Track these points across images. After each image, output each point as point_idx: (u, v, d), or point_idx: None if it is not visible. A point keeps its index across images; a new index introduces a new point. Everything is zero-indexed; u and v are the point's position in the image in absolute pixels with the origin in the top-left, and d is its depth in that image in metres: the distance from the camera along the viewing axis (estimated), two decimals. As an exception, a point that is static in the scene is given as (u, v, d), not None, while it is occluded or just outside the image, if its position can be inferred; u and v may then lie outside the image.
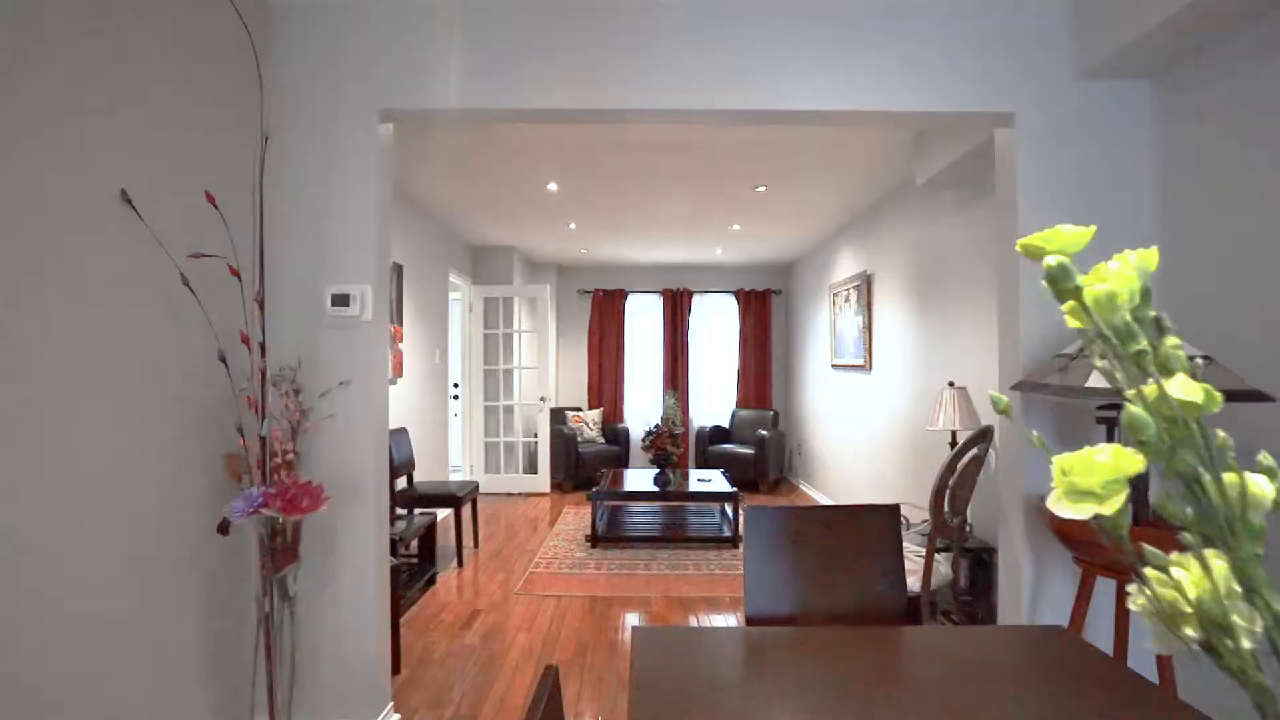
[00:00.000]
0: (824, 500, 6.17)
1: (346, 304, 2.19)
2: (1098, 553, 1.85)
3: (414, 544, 3.94)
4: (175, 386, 1.81)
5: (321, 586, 2.20)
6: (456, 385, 6.85)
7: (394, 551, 3.26)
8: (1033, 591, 2.18)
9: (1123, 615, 1.93)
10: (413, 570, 3.78)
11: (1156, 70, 2.16)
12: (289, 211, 2.20)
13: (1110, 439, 1.88)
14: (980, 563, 3.13)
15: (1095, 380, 1.72)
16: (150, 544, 1.74)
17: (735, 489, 4.70)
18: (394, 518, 3.76)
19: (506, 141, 3.67)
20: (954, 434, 3.31)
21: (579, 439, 7.04)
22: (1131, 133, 2.21)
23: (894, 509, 1.47)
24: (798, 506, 1.43)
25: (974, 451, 2.47)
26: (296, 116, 2.21)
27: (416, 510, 4.62)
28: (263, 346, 1.92)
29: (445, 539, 4.81)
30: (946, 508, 2.47)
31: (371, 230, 2.22)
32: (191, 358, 1.85)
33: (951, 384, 3.27)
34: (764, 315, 7.74)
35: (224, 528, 1.91)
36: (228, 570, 2.07)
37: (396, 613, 2.92)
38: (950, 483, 2.44)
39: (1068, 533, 1.92)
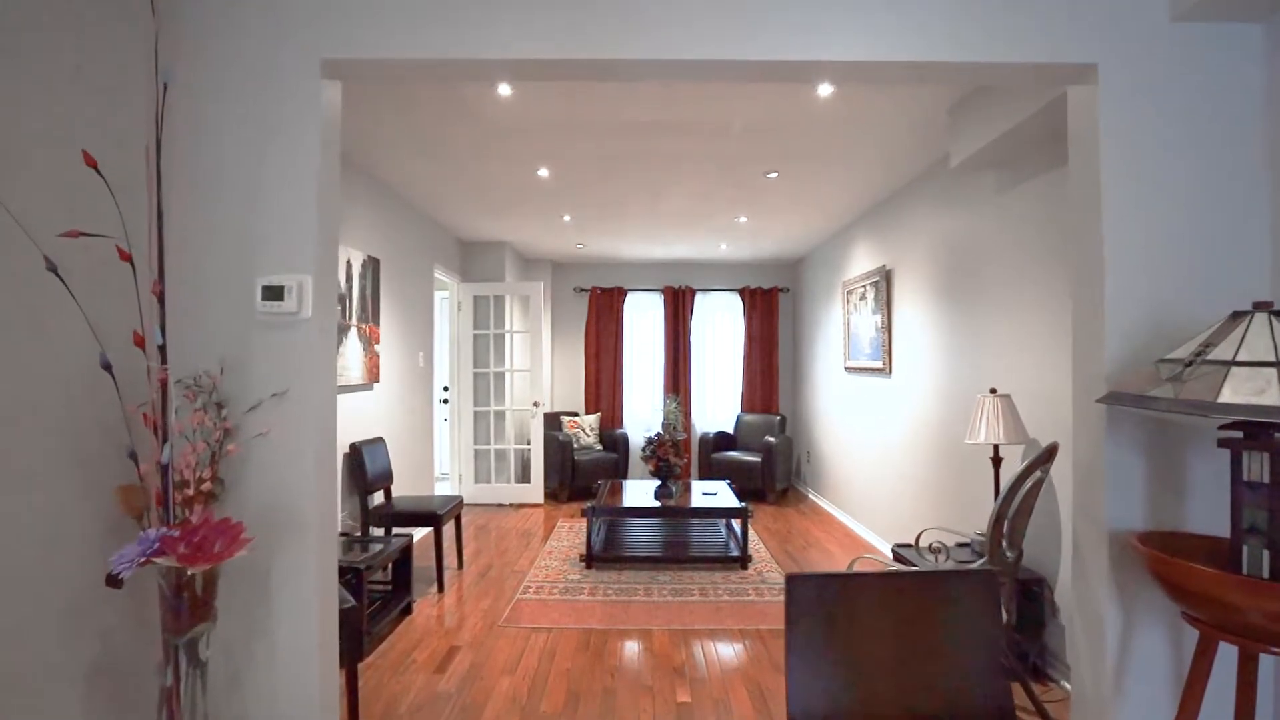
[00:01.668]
0: (835, 511, 5.78)
1: (280, 298, 1.79)
2: (1222, 609, 1.44)
3: (388, 567, 3.54)
4: (42, 405, 1.41)
5: (249, 644, 1.80)
6: (447, 389, 6.46)
7: (361, 581, 2.87)
8: (1120, 652, 1.78)
9: (1246, 692, 1.52)
10: (385, 600, 3.38)
11: (1264, 11, 1.77)
12: (208, 185, 1.80)
13: (1236, 467, 1.48)
14: (1029, 595, 2.73)
15: (1233, 393, 1.33)
16: (18, 603, 1.35)
17: (744, 504, 4.30)
18: (366, 540, 3.37)
19: (490, 120, 3.27)
20: (996, 448, 2.91)
21: (575, 446, 6.65)
22: (1238, 86, 1.81)
23: (989, 575, 1.07)
24: (858, 574, 1.04)
25: (1036, 475, 2.07)
26: (217, 66, 1.81)
27: (394, 529, 4.22)
28: (163, 350, 1.52)
29: (427, 558, 4.41)
30: (1004, 540, 2.08)
31: (311, 209, 1.82)
32: (65, 367, 1.45)
33: (993, 391, 2.88)
34: (770, 314, 7.34)
35: (115, 580, 1.51)
36: (129, 630, 1.68)
37: (357, 657, 2.53)
38: (1009, 511, 2.05)
39: (1178, 581, 1.52)
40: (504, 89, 2.92)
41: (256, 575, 1.81)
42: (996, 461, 2.92)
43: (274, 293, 1.79)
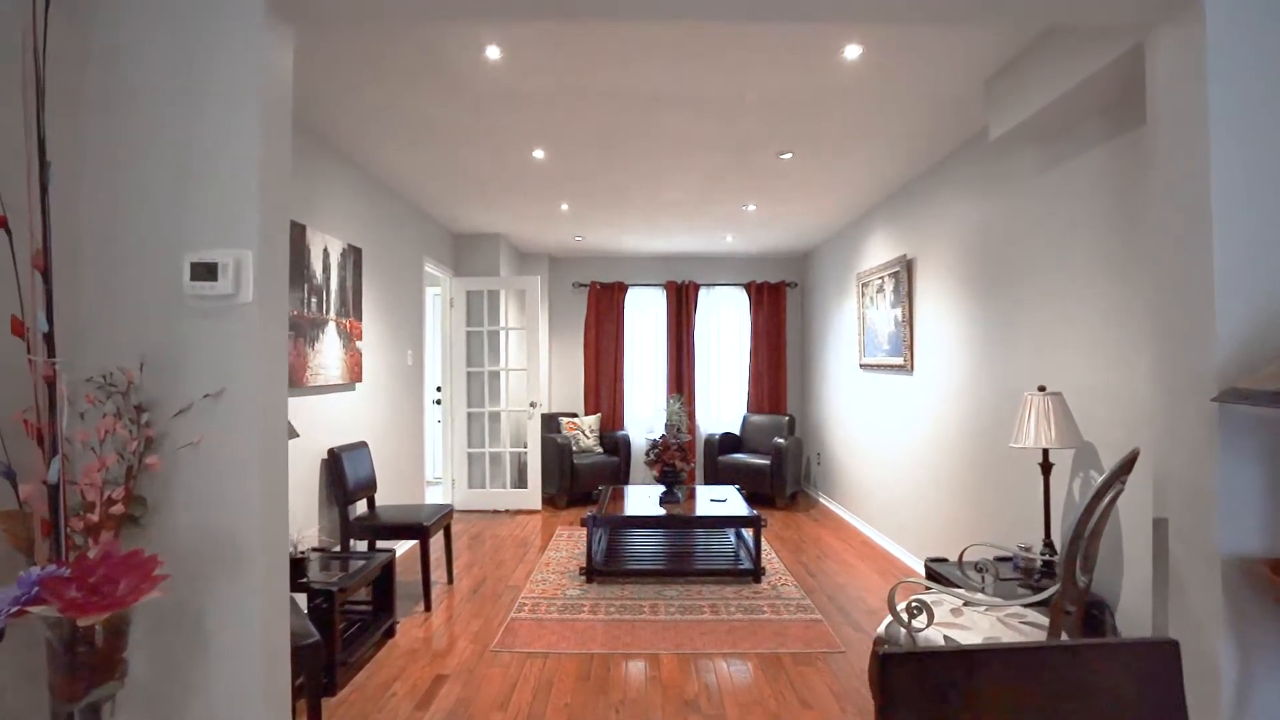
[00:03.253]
0: (850, 517, 5.46)
1: (213, 277, 1.47)
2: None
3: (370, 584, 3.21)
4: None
5: (180, 702, 1.48)
6: (439, 389, 6.14)
7: (334, 605, 2.55)
8: (1237, 699, 1.47)
9: None
10: (365, 622, 3.06)
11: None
12: (124, 137, 1.49)
13: None
14: (1088, 620, 2.42)
15: None
16: None
17: (756, 513, 3.98)
18: (345, 556, 3.05)
19: (479, 91, 2.95)
20: (1046, 453, 2.60)
21: (574, 448, 6.33)
22: (1376, 20, 1.50)
23: (1168, 647, 0.76)
24: (980, 650, 0.73)
25: (1116, 487, 1.76)
26: (134, -4, 1.50)
27: (378, 543, 3.91)
28: (49, 340, 1.20)
29: (415, 571, 4.09)
30: (1077, 563, 1.77)
31: (251, 172, 1.50)
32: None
33: (1042, 388, 2.56)
34: (778, 310, 7.03)
35: (-11, 631, 1.20)
36: (20, 691, 1.36)
37: (326, 691, 2.22)
38: (1087, 530, 1.73)
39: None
40: (493, 51, 2.60)
41: (187, 616, 1.49)
42: (1046, 468, 2.60)
43: (206, 271, 1.48)
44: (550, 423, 6.47)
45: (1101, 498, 1.72)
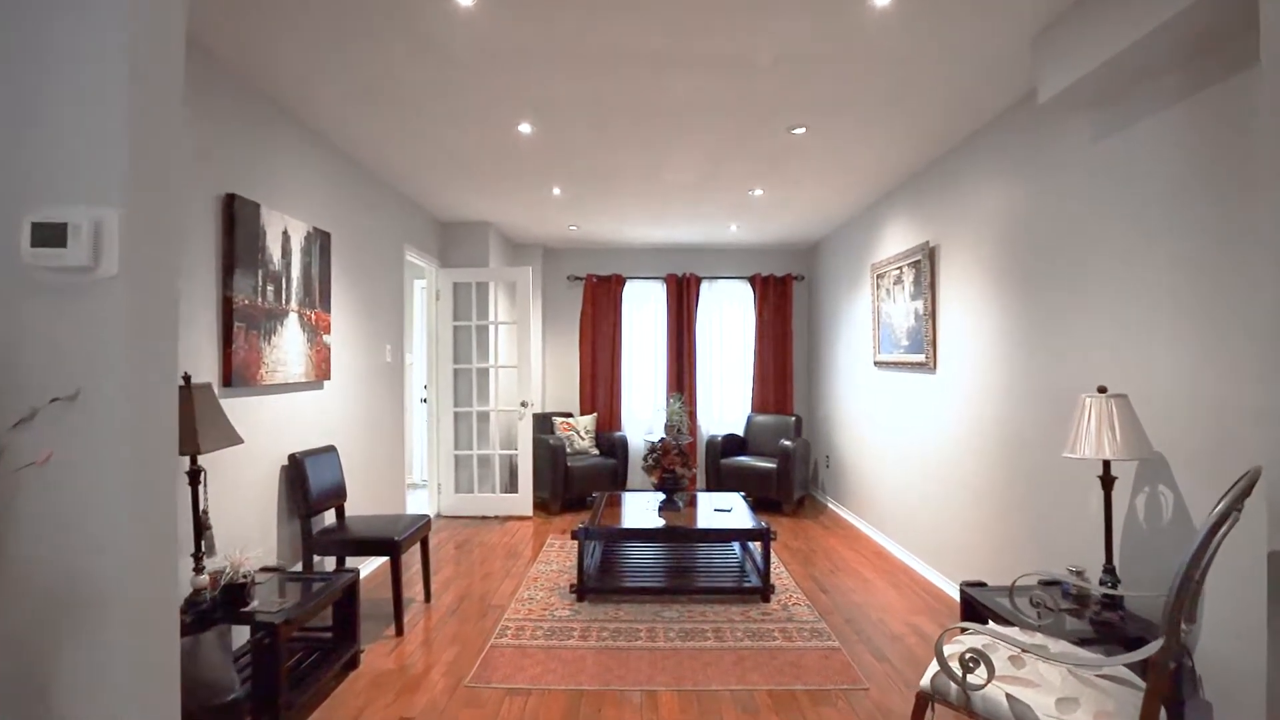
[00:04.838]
0: (861, 525, 5.09)
1: (61, 243, 1.11)
2: None
3: (346, 602, 2.85)
4: None
5: (12, 804, 1.12)
6: (426, 387, 5.78)
7: (276, 639, 2.19)
8: None
9: None
10: (325, 651, 2.70)
11: None
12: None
13: None
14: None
15: None
16: None
17: (765, 525, 3.62)
18: (304, 576, 2.69)
19: (454, 52, 2.58)
20: (1107, 465, 2.23)
21: (568, 450, 5.97)
22: None
23: None
24: None
25: (1233, 517, 1.40)
26: None
27: (348, 559, 3.55)
28: None
29: (388, 588, 3.73)
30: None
31: (117, 103, 1.14)
32: None
33: (1103, 390, 2.20)
34: (784, 304, 6.66)
35: None
36: None
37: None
38: (1198, 572, 1.37)
39: None
40: (463, -4, 2.23)
41: (29, 689, 1.13)
42: (1108, 481, 2.23)
43: (50, 234, 1.11)
44: (543, 423, 6.11)
45: (1217, 530, 1.36)
